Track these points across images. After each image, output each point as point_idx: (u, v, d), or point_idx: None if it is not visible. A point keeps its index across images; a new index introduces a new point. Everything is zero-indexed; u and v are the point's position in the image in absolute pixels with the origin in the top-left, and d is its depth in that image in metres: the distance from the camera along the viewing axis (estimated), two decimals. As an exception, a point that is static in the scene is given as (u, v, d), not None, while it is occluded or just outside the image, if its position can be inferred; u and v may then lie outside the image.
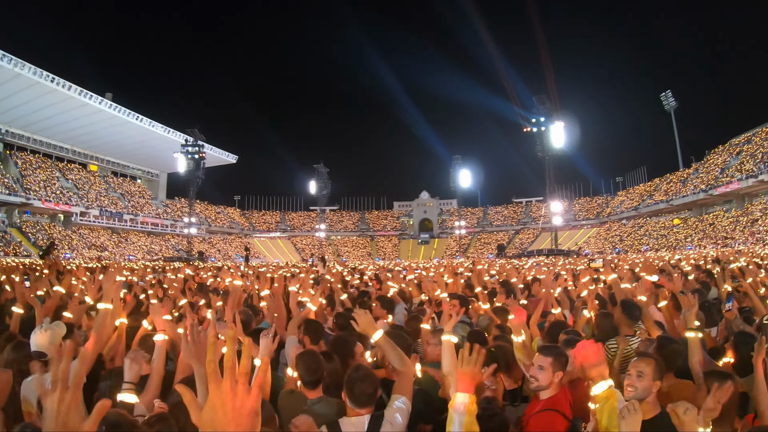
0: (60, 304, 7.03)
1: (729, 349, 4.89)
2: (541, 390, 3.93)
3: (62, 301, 7.30)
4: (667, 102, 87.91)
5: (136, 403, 3.73)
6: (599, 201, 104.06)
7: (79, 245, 70.71)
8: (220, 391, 1.30)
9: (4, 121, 69.04)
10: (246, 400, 1.32)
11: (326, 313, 7.53)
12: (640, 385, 3.60)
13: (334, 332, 6.45)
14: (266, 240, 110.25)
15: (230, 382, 1.31)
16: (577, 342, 4.27)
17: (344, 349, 4.95)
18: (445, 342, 3.81)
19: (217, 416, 1.29)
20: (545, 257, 55.73)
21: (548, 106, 71.64)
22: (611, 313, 6.36)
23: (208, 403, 1.31)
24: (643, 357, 3.79)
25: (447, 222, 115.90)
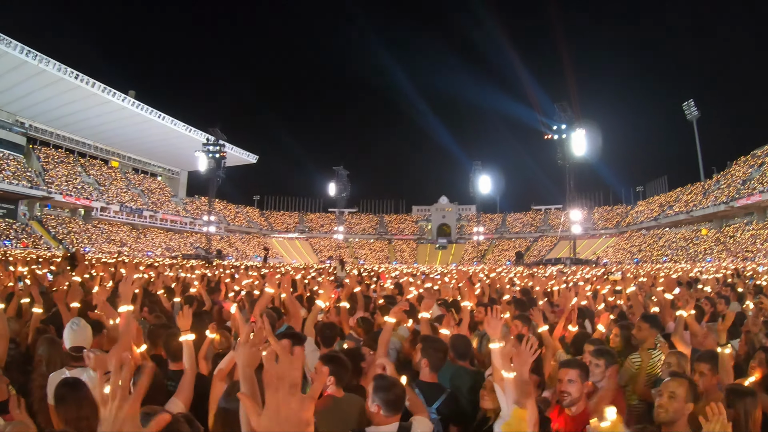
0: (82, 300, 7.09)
1: (756, 366, 4.75)
2: (575, 404, 3.93)
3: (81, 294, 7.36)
4: (689, 111, 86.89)
5: (174, 401, 3.76)
6: (619, 210, 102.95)
7: (99, 240, 71.21)
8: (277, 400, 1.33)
9: (29, 116, 69.89)
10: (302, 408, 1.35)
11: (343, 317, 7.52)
12: (671, 407, 3.51)
13: (359, 335, 6.56)
14: (284, 240, 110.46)
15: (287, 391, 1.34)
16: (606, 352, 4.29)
17: (358, 358, 4.97)
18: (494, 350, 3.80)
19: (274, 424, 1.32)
20: (564, 266, 55.43)
21: (570, 113, 71.00)
22: (632, 325, 6.34)
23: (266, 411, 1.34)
24: (676, 377, 3.73)
25: (465, 227, 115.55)
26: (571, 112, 71.46)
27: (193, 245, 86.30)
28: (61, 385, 3.64)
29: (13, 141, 68.20)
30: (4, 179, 62.31)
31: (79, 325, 4.66)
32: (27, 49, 57.92)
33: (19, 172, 65.67)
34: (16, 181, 63.99)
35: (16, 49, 56.73)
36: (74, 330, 4.50)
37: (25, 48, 57.68)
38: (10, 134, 67.89)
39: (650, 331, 5.99)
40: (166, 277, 12.06)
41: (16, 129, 68.81)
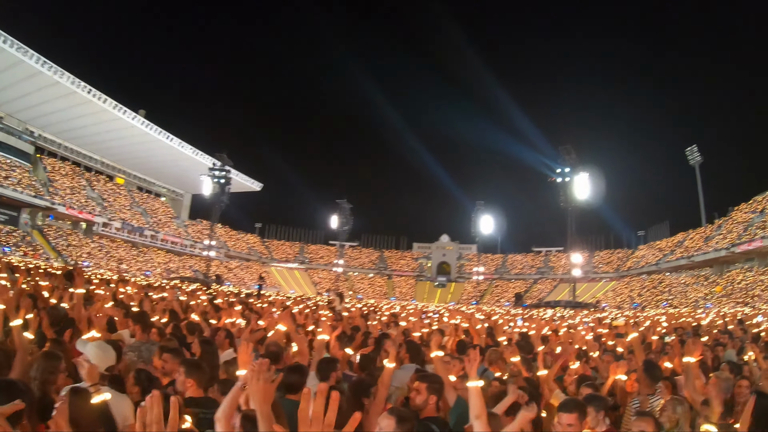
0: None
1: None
2: None
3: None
4: (692, 156, 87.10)
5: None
6: (620, 254, 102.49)
7: (98, 256, 71.14)
8: None
9: (38, 126, 70.35)
10: None
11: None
12: None
13: (356, 372, 6.65)
14: (283, 270, 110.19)
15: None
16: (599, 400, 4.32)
17: (362, 391, 4.93)
18: (471, 389, 3.84)
19: None
20: (562, 308, 55.30)
21: (573, 157, 71.43)
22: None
23: None
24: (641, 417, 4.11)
25: (465, 267, 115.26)
26: (574, 155, 71.85)
27: (192, 268, 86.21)
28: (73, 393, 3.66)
29: (21, 149, 68.52)
30: (9, 186, 62.45)
31: (102, 346, 4.66)
32: (43, 60, 58.63)
33: (24, 181, 65.83)
34: (21, 188, 64.12)
35: (32, 59, 57.46)
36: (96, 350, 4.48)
37: (41, 58, 58.42)
38: (19, 142, 68.24)
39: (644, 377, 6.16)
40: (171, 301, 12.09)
41: (25, 137, 69.18)
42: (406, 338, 9.13)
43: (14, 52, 55.45)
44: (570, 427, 3.94)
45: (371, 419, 4.28)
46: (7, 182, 62.57)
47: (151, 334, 7.51)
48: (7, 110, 65.76)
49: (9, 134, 66.75)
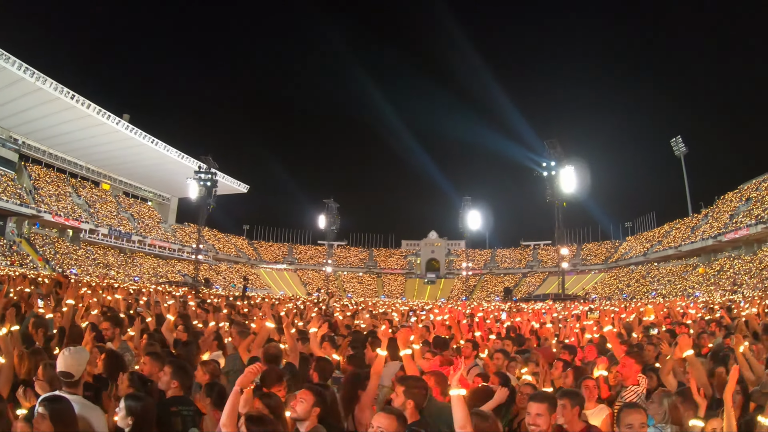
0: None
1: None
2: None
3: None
4: (677, 147, 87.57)
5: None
6: (608, 246, 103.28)
7: (86, 262, 70.82)
8: None
9: (22, 133, 69.86)
10: None
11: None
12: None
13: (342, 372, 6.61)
14: (272, 271, 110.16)
15: None
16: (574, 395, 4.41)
17: (358, 383, 5.11)
18: (454, 397, 3.80)
19: None
20: (552, 302, 55.46)
21: (558, 150, 71.49)
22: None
23: None
24: (630, 408, 4.11)
25: (454, 263, 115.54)
26: (560, 148, 71.92)
27: (180, 272, 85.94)
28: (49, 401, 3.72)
29: (4, 157, 68.19)
30: (-7, 195, 62.10)
31: (73, 351, 4.66)
32: (25, 66, 58.37)
33: (9, 189, 65.45)
34: (6, 197, 63.74)
35: (14, 65, 57.18)
36: (65, 356, 4.48)
37: (23, 65, 58.17)
38: (3, 150, 67.88)
39: (634, 366, 6.09)
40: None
41: (9, 145, 68.74)
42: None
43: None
44: (539, 417, 3.97)
45: (363, 409, 4.33)
46: None
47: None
48: None
49: None
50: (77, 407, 3.96)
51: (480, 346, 8.39)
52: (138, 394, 4.20)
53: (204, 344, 7.78)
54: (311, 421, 4.14)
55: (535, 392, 4.84)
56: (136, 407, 3.88)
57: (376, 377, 5.04)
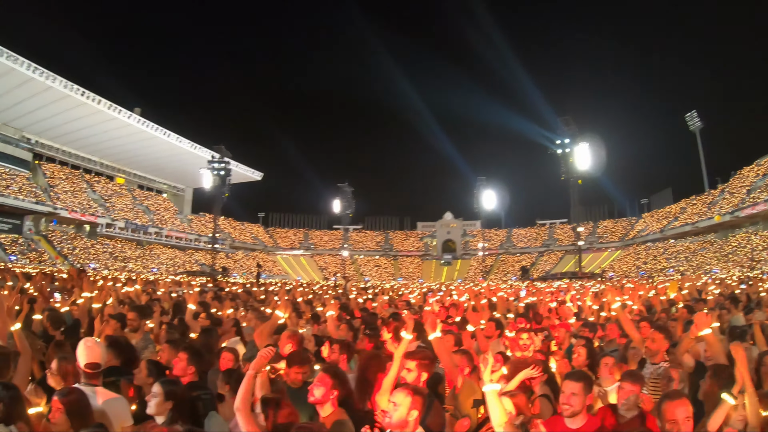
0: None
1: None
2: (575, 416, 3.97)
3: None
4: (692, 122, 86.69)
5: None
6: (624, 223, 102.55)
7: (104, 256, 71.34)
8: None
9: (35, 132, 70.35)
10: None
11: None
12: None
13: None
14: (289, 257, 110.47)
15: None
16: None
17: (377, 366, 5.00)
18: (488, 393, 3.64)
19: None
20: (570, 280, 55.15)
21: (573, 127, 70.86)
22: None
23: None
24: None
25: (470, 243, 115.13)
26: (574, 126, 71.30)
27: (198, 262, 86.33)
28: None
29: (19, 157, 68.72)
30: (10, 195, 62.74)
31: (91, 341, 4.69)
32: (34, 66, 58.72)
33: (24, 188, 66.04)
34: (22, 196, 64.38)
35: (23, 66, 57.57)
36: (85, 347, 4.51)
37: (32, 65, 58.53)
38: (17, 150, 68.40)
39: (663, 342, 5.96)
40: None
41: (23, 145, 69.22)
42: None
43: (4, 61, 55.54)
44: (573, 396, 3.90)
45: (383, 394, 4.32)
46: (7, 191, 62.92)
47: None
48: (2, 119, 65.72)
49: (6, 143, 66.93)
50: (99, 398, 4.03)
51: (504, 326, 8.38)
52: (172, 379, 4.26)
53: (223, 331, 7.85)
54: (331, 404, 4.11)
55: (572, 371, 4.82)
56: (176, 391, 3.94)
57: (400, 361, 4.95)
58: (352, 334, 7.40)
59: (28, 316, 7.48)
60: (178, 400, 3.89)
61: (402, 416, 3.46)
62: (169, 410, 3.82)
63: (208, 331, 7.22)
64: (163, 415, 3.82)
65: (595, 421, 4.09)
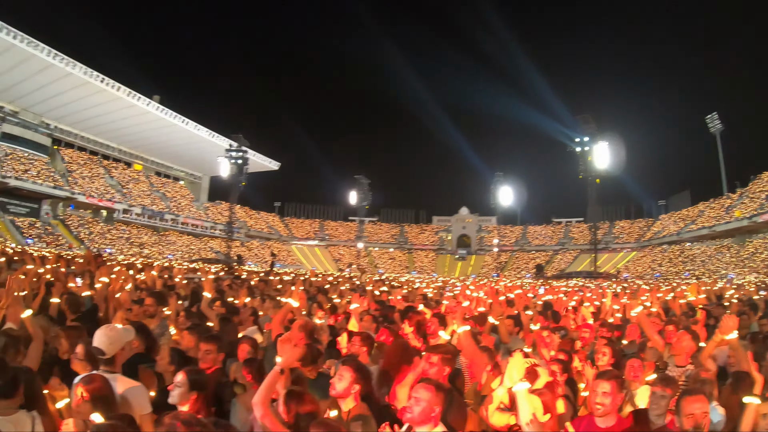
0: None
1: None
2: (606, 416, 3.96)
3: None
4: (713, 124, 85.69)
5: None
6: (641, 224, 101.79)
7: (120, 242, 71.86)
8: None
9: (54, 118, 71.16)
10: None
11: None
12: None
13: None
14: (304, 247, 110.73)
15: None
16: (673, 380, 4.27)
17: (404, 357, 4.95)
18: (518, 392, 3.42)
19: None
20: (585, 279, 54.96)
21: (592, 125, 70.36)
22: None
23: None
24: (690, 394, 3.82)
25: (485, 239, 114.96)
26: (593, 124, 70.78)
27: (213, 250, 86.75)
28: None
29: (38, 141, 69.51)
30: (28, 179, 63.36)
31: (108, 328, 4.67)
32: (54, 52, 59.31)
33: (43, 173, 66.66)
34: (40, 180, 65.03)
35: (43, 52, 58.20)
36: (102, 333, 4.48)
37: (52, 51, 59.10)
38: (36, 135, 69.11)
39: (690, 343, 5.97)
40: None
41: (42, 130, 69.88)
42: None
43: (25, 47, 56.17)
44: (605, 396, 3.89)
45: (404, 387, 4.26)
46: (26, 175, 63.62)
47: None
48: (22, 104, 66.66)
49: (25, 128, 67.66)
50: (118, 386, 4.00)
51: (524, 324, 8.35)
52: (197, 369, 4.25)
53: (240, 320, 7.83)
54: (353, 398, 4.05)
55: (604, 370, 4.72)
56: (201, 381, 3.92)
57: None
58: (375, 327, 7.32)
59: (45, 300, 7.52)
60: (203, 390, 3.87)
61: (424, 412, 3.41)
62: (194, 400, 3.78)
63: (225, 320, 7.20)
64: (186, 405, 3.77)
65: (625, 421, 4.05)
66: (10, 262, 16.05)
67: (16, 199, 64.05)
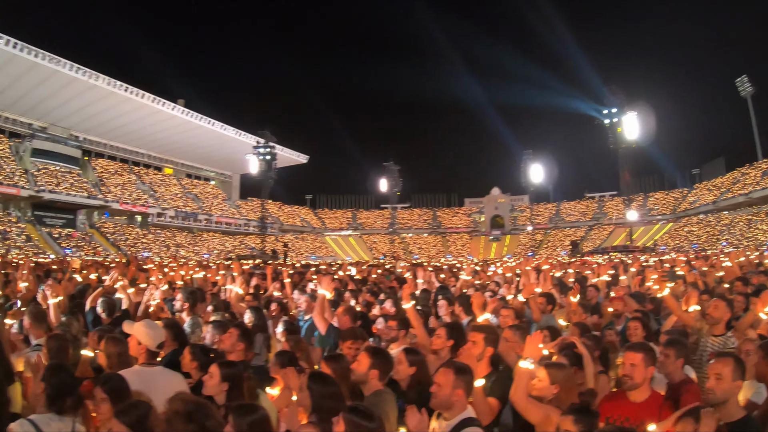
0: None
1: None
2: (636, 389, 3.95)
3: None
4: (743, 87, 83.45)
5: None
6: (675, 195, 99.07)
7: (156, 245, 72.89)
8: None
9: (82, 129, 72.90)
10: None
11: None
12: (719, 388, 3.52)
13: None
14: (338, 238, 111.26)
15: None
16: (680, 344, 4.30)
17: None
18: (518, 367, 3.71)
19: None
20: (620, 254, 54.16)
21: (620, 96, 69.37)
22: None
23: None
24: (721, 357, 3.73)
25: (519, 218, 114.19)
26: (621, 94, 69.79)
27: (247, 246, 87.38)
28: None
29: (69, 154, 71.23)
30: (62, 191, 65.05)
31: (150, 325, 4.87)
32: (77, 66, 60.89)
33: (76, 184, 68.39)
34: (74, 192, 66.51)
35: (66, 67, 59.83)
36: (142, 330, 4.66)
37: (74, 65, 60.67)
38: (66, 148, 70.81)
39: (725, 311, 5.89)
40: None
41: (71, 143, 71.53)
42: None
43: (47, 64, 57.87)
44: (633, 367, 3.88)
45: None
46: (60, 188, 65.52)
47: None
48: (50, 119, 68.55)
49: (56, 142, 69.48)
50: (158, 378, 4.29)
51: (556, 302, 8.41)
52: (229, 361, 4.35)
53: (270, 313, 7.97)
54: (372, 384, 4.12)
55: (633, 342, 4.79)
56: (233, 373, 4.00)
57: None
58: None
59: (81, 303, 7.95)
60: (234, 381, 3.97)
61: (446, 396, 3.48)
62: (225, 391, 3.90)
63: (256, 311, 7.34)
64: (220, 396, 3.91)
65: (659, 396, 4.04)
66: (49, 272, 16.41)
67: (51, 212, 65.90)
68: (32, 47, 56.03)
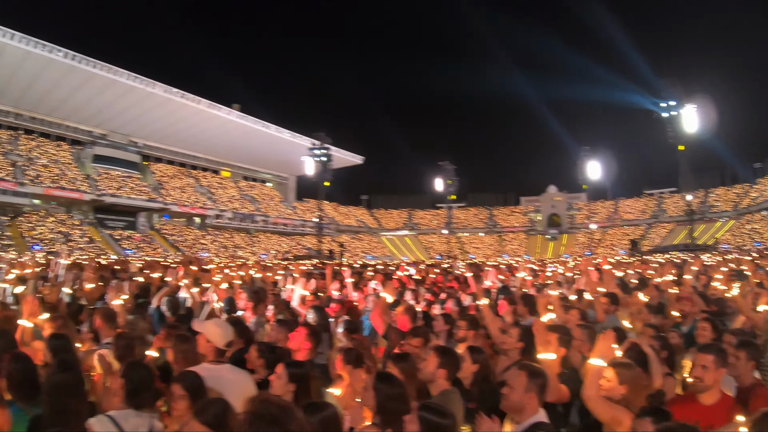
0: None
1: None
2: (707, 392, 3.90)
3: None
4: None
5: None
6: (737, 190, 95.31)
7: (214, 246, 74.28)
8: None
9: (141, 136, 75.84)
10: None
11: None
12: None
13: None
14: (394, 238, 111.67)
15: None
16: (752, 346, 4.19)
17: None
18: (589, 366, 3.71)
19: None
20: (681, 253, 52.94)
21: (679, 88, 67.65)
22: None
23: None
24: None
25: (576, 217, 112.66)
26: (680, 86, 68.04)
27: (304, 247, 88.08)
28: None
29: (129, 160, 74.83)
30: (123, 195, 67.84)
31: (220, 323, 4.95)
32: (134, 75, 63.93)
33: (136, 188, 71.20)
34: (135, 195, 69.07)
35: (123, 77, 62.94)
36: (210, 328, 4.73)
37: (131, 74, 63.74)
38: (126, 153, 74.41)
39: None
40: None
41: (131, 149, 74.78)
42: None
43: (106, 74, 61.13)
44: (704, 369, 3.83)
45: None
46: (121, 192, 68.13)
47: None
48: (110, 127, 71.98)
49: (116, 148, 73.18)
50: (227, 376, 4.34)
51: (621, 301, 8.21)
52: (297, 362, 4.37)
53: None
54: (439, 383, 4.14)
55: (705, 343, 4.74)
56: (299, 374, 4.01)
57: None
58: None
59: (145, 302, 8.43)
60: (301, 381, 3.98)
61: (518, 398, 3.43)
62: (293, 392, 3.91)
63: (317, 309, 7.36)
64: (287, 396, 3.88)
65: (730, 399, 3.96)
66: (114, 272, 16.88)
67: (113, 215, 68.97)
68: (90, 59, 59.10)
